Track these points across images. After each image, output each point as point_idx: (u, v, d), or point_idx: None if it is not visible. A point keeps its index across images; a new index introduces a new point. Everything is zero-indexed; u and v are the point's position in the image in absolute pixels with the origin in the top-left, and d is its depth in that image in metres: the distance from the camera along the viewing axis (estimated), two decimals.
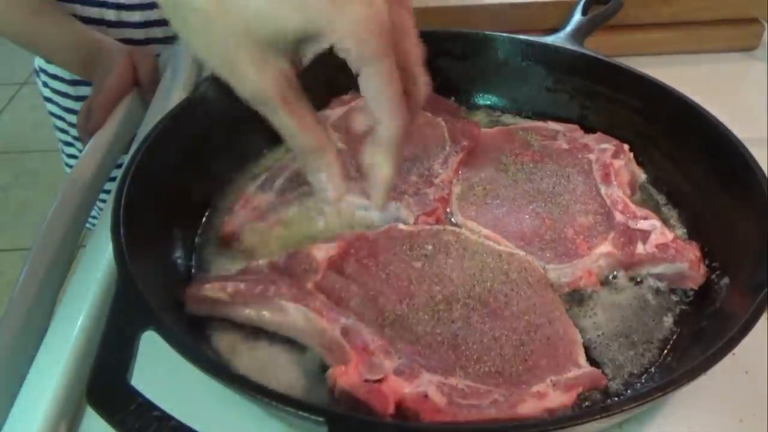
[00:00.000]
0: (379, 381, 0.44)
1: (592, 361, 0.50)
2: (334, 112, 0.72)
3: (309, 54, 0.43)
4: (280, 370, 0.49)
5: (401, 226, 0.59)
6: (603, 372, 0.49)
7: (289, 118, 0.44)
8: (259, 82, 0.42)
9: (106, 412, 0.38)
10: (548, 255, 0.57)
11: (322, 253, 0.54)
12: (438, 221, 0.61)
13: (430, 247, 0.56)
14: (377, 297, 0.51)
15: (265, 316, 0.50)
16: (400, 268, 0.54)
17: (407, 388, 0.44)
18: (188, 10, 0.41)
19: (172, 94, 0.78)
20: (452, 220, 0.62)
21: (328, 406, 0.45)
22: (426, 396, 0.44)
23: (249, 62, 0.41)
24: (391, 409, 0.43)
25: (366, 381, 0.44)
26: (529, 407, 0.45)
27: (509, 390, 0.46)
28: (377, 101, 0.44)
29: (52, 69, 1.06)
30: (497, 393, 0.45)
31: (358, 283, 0.52)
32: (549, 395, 0.46)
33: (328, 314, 0.48)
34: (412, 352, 0.48)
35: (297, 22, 0.40)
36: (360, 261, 0.55)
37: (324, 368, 0.48)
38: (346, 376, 0.45)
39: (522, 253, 0.57)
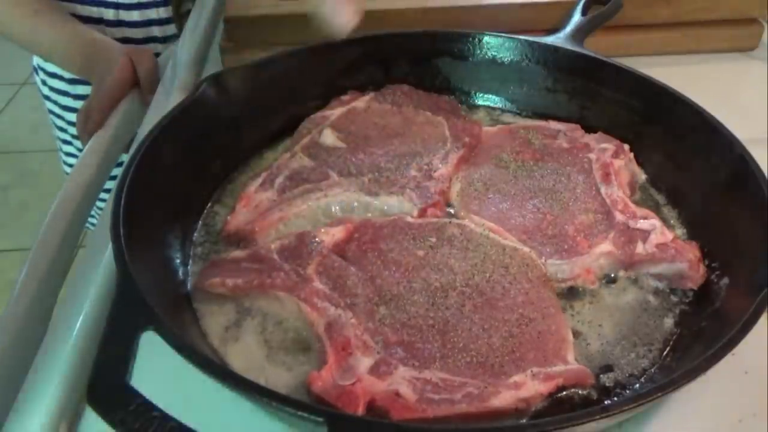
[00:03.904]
0: (352, 384, 0.45)
1: (604, 364, 0.50)
2: (334, 112, 0.71)
3: None
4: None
5: (408, 218, 0.60)
6: (603, 373, 0.50)
7: None
8: None
9: (106, 412, 0.38)
10: (549, 250, 0.57)
11: (328, 236, 0.56)
12: (440, 213, 0.61)
13: (433, 239, 0.57)
14: (375, 278, 0.53)
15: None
16: (401, 255, 0.55)
17: (379, 387, 0.45)
18: None
19: (172, 94, 0.78)
20: (454, 214, 0.62)
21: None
22: (397, 394, 0.44)
23: None
24: (361, 410, 0.44)
25: (338, 385, 0.45)
26: (502, 399, 0.45)
27: (487, 381, 0.46)
28: None
29: (51, 67, 1.06)
30: (472, 385, 0.46)
31: (358, 265, 0.54)
32: (526, 384, 0.46)
33: (319, 303, 0.50)
34: (397, 339, 0.48)
35: None
36: (362, 245, 0.56)
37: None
38: (320, 381, 0.46)
39: (526, 249, 0.57)
